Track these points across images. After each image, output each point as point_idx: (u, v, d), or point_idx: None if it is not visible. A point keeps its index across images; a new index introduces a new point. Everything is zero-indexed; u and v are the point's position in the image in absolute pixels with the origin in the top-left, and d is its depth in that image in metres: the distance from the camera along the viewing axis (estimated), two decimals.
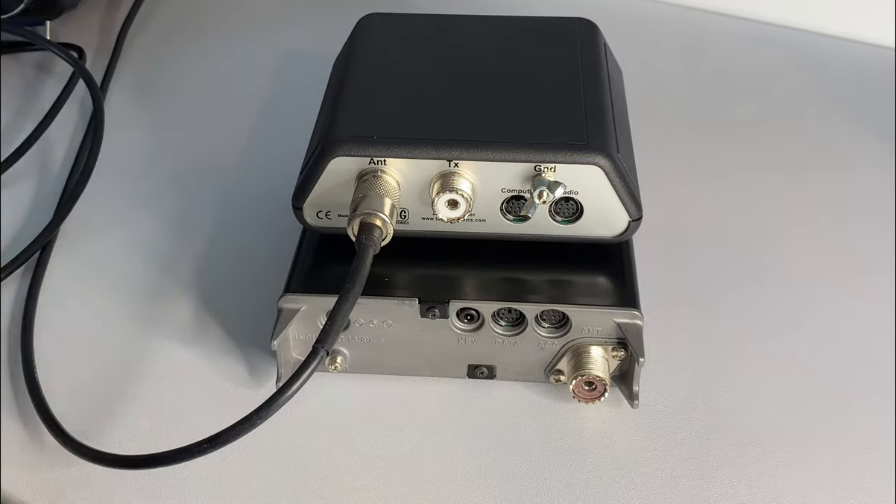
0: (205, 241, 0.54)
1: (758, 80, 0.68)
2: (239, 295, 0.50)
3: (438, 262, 0.45)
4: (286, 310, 0.43)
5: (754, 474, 0.42)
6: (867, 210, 0.56)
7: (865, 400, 0.45)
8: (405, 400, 0.46)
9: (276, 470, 0.43)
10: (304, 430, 0.44)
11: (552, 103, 0.45)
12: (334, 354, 0.45)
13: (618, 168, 0.42)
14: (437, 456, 0.43)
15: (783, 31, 0.73)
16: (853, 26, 0.71)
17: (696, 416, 0.45)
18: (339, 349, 0.45)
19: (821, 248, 0.54)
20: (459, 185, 0.42)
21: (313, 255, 0.46)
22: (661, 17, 0.74)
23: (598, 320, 0.43)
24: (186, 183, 0.58)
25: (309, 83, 0.58)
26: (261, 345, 0.47)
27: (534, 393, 0.46)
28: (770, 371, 0.47)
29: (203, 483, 0.42)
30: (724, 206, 0.56)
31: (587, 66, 0.48)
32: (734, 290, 0.51)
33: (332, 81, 0.50)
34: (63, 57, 0.65)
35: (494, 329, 0.44)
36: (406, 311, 0.43)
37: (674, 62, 0.70)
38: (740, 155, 0.60)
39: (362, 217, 0.41)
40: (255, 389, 0.46)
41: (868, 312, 0.50)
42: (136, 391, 0.46)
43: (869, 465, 0.43)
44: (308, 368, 0.38)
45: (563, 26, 0.51)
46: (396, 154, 0.42)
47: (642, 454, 0.43)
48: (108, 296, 0.51)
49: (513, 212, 0.43)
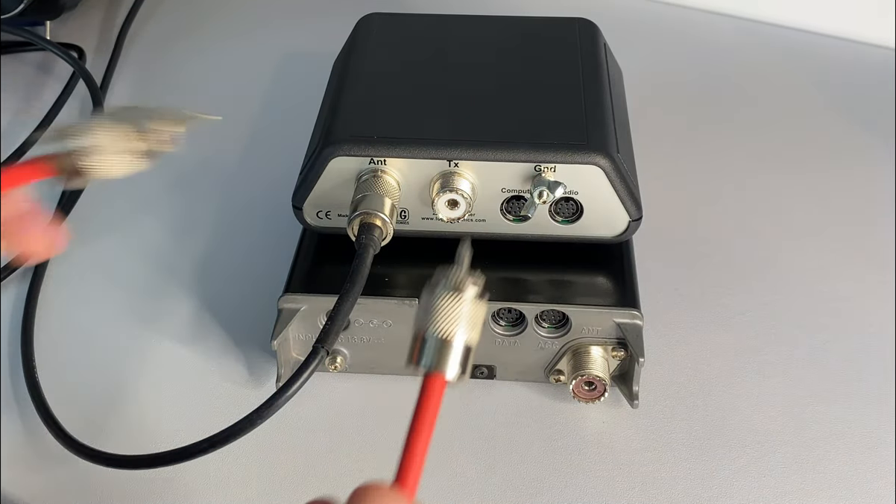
0: (205, 241, 0.54)
1: (758, 80, 0.68)
2: (239, 295, 0.50)
3: (438, 262, 0.45)
4: (286, 310, 0.43)
5: (754, 474, 0.42)
6: (867, 210, 0.56)
7: (865, 400, 0.45)
8: (405, 400, 0.46)
9: (276, 470, 0.43)
10: (304, 430, 0.44)
11: (552, 103, 0.45)
12: (334, 354, 0.45)
13: (618, 168, 0.42)
14: (437, 456, 0.43)
15: (783, 31, 0.73)
16: (853, 26, 0.71)
17: (696, 416, 0.45)
18: (339, 349, 0.45)
19: (820, 247, 0.54)
20: (459, 185, 0.42)
21: (313, 255, 0.46)
22: (661, 17, 0.74)
23: (598, 320, 0.43)
24: (186, 183, 0.58)
25: (309, 83, 0.58)
26: (261, 345, 0.47)
27: (534, 393, 0.46)
28: (770, 371, 0.47)
29: (203, 483, 0.42)
30: (724, 206, 0.56)
31: (587, 66, 0.48)
32: (734, 289, 0.51)
33: (332, 81, 0.50)
34: (63, 57, 0.65)
35: (494, 329, 0.44)
36: (406, 311, 0.43)
37: (674, 62, 0.70)
38: (740, 155, 0.60)
39: (362, 217, 0.41)
40: (255, 389, 0.46)
41: (868, 312, 0.50)
42: (136, 391, 0.46)
43: (869, 465, 0.43)
44: (308, 368, 0.38)
45: (563, 26, 0.51)
46: (396, 154, 0.42)
47: (642, 454, 0.43)
48: (108, 296, 0.51)
49: (513, 212, 0.43)
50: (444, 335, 0.29)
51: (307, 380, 0.38)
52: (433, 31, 0.51)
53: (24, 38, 0.66)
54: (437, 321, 0.29)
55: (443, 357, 0.29)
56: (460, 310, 0.29)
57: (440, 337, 0.29)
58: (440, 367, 0.29)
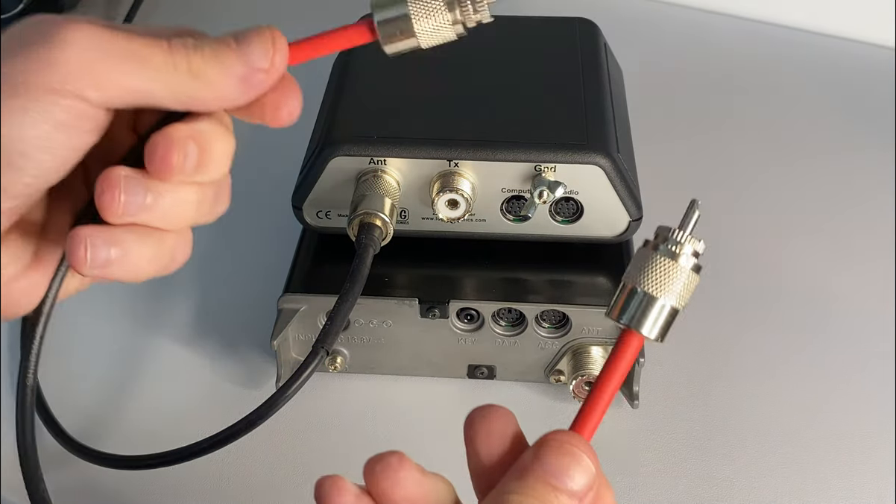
0: (205, 241, 0.54)
1: (758, 80, 0.67)
2: (239, 295, 0.50)
3: (438, 262, 0.45)
4: (286, 310, 0.43)
5: (754, 474, 0.42)
6: (867, 210, 0.56)
7: (865, 400, 0.45)
8: (405, 400, 0.46)
9: (276, 470, 0.43)
10: (304, 430, 0.44)
11: (552, 103, 0.45)
12: (334, 354, 0.45)
13: (618, 168, 0.42)
14: (437, 456, 0.43)
15: (783, 30, 0.72)
16: (853, 26, 0.71)
17: (696, 416, 0.45)
18: (339, 349, 0.45)
19: (820, 247, 0.54)
20: (459, 185, 0.41)
21: (313, 255, 0.46)
22: (661, 17, 0.74)
23: (598, 320, 0.43)
24: None
25: (309, 83, 0.57)
26: (261, 345, 0.47)
27: (534, 393, 0.46)
28: (770, 371, 0.47)
29: (203, 483, 0.42)
30: (724, 205, 0.56)
31: (587, 66, 0.48)
32: (734, 290, 0.51)
33: (332, 82, 0.50)
34: None
35: (494, 329, 0.44)
36: (406, 311, 0.43)
37: (674, 62, 0.69)
38: (740, 154, 0.60)
39: (362, 217, 0.41)
40: (255, 389, 0.46)
41: (868, 312, 0.50)
42: (136, 391, 0.46)
43: (869, 465, 0.43)
44: (308, 368, 0.38)
45: (564, 26, 0.51)
46: (396, 154, 0.42)
47: (642, 454, 0.43)
48: (108, 296, 0.51)
49: (513, 212, 0.43)
50: (654, 294, 0.29)
51: (307, 380, 0.38)
52: None
53: None
54: (650, 281, 0.29)
55: (646, 316, 0.29)
56: (676, 276, 0.29)
57: (651, 294, 0.29)
58: (641, 326, 0.29)
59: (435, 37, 0.32)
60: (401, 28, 0.32)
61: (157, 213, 0.30)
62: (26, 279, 0.31)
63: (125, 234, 0.30)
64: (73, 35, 0.28)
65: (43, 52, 0.28)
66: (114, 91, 0.28)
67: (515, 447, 0.29)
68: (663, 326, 0.29)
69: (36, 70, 0.28)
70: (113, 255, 0.30)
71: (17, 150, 0.28)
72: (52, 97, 0.28)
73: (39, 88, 0.28)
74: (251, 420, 0.38)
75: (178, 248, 0.32)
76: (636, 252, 0.30)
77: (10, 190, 0.28)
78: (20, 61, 0.28)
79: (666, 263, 0.29)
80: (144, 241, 0.30)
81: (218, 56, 0.30)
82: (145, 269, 0.31)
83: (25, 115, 0.28)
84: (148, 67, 0.29)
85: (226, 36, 0.31)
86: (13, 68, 0.28)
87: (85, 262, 0.29)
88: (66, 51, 0.28)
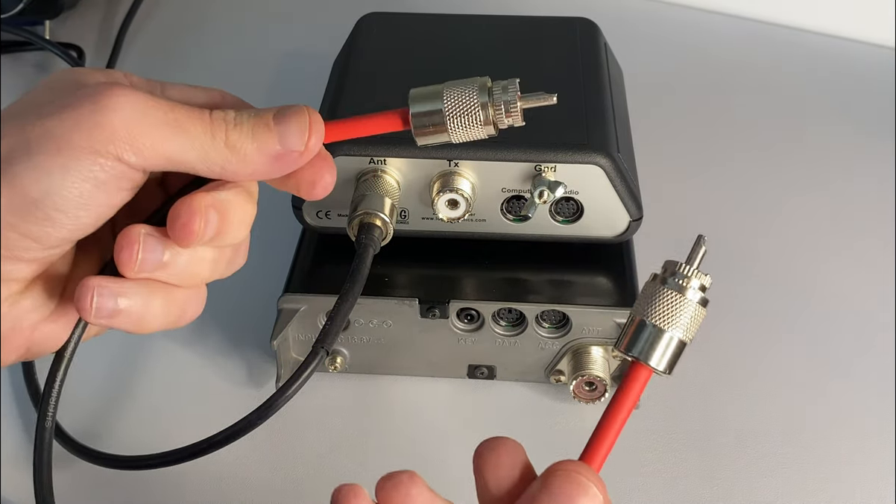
0: None
1: (758, 80, 0.68)
2: (239, 295, 0.50)
3: (438, 262, 0.45)
4: (286, 310, 0.43)
5: (754, 474, 0.42)
6: (867, 210, 0.56)
7: (865, 400, 0.45)
8: (405, 400, 0.46)
9: (276, 470, 0.43)
10: (304, 431, 0.44)
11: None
12: (334, 354, 0.45)
13: (618, 168, 0.42)
14: (437, 456, 0.43)
15: (783, 30, 0.73)
16: (853, 26, 0.71)
17: (696, 416, 0.45)
18: (339, 349, 0.45)
19: (820, 247, 0.54)
20: (459, 185, 0.41)
21: (313, 255, 0.46)
22: (661, 17, 0.74)
23: (598, 320, 0.43)
24: None
25: (309, 83, 0.58)
26: (260, 345, 0.47)
27: (534, 393, 0.46)
28: (769, 371, 0.47)
29: (203, 483, 0.42)
30: (724, 205, 0.56)
31: (587, 66, 0.48)
32: (734, 290, 0.51)
33: (332, 80, 0.50)
34: (62, 56, 0.65)
35: (494, 329, 0.44)
36: (406, 311, 0.43)
37: (674, 62, 0.69)
38: (740, 155, 0.60)
39: (362, 217, 0.40)
40: (255, 389, 0.46)
41: (867, 312, 0.50)
42: (137, 391, 0.46)
43: (869, 465, 0.43)
44: (308, 368, 0.38)
45: (564, 26, 0.51)
46: (396, 153, 0.42)
47: (642, 454, 0.43)
48: None
49: (513, 212, 0.43)
50: (662, 327, 0.29)
51: (307, 380, 0.38)
52: (433, 30, 0.51)
53: (23, 37, 0.66)
54: (658, 314, 0.30)
55: (654, 349, 0.30)
56: (683, 309, 0.30)
57: (659, 327, 0.29)
58: (650, 359, 0.30)
59: (465, 134, 0.33)
60: (434, 122, 0.33)
61: (172, 270, 0.32)
62: (50, 325, 0.33)
63: (136, 287, 0.31)
64: (119, 101, 0.29)
65: (90, 116, 0.29)
66: (152, 156, 0.30)
67: (524, 477, 0.30)
68: (671, 359, 0.30)
69: (80, 131, 0.29)
70: (121, 306, 0.31)
71: (55, 206, 0.29)
72: (93, 157, 0.29)
73: (83, 149, 0.29)
74: (251, 420, 0.38)
75: (190, 303, 0.34)
76: (644, 286, 0.31)
77: (44, 241, 0.30)
78: (67, 121, 0.29)
79: (673, 297, 0.30)
80: (155, 294, 0.32)
81: (256, 133, 0.32)
82: (153, 323, 0.32)
83: (66, 173, 0.29)
84: (187, 137, 0.30)
85: (266, 113, 0.32)
86: (59, 127, 0.29)
87: (90, 311, 0.31)
88: (112, 116, 0.29)
